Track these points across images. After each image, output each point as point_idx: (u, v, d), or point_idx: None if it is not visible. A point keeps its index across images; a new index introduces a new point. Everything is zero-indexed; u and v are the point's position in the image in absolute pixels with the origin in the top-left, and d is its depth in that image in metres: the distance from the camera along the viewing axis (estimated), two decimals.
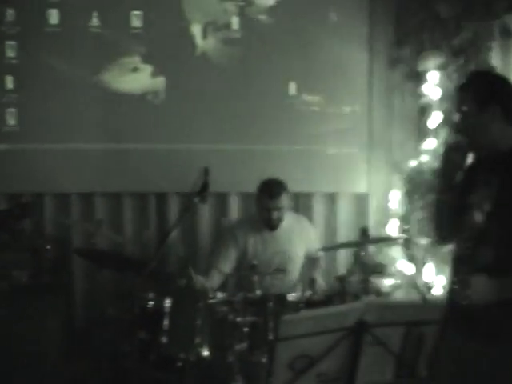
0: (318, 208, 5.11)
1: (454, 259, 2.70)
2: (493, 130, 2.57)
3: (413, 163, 4.77)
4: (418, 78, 4.90)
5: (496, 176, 2.56)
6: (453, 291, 2.61)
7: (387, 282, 4.17)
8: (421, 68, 4.87)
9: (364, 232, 3.87)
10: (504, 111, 2.56)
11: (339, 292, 3.71)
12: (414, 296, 4.27)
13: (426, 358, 2.33)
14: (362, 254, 3.88)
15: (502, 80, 2.70)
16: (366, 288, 3.93)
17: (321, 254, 4.52)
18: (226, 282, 4.39)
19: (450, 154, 2.73)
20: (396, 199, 4.87)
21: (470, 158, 2.82)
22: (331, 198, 5.13)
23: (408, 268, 4.53)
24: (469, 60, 4.81)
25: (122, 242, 4.76)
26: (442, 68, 4.82)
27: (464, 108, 2.61)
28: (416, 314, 2.27)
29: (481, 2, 4.87)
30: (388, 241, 4.58)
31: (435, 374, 2.65)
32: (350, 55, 5.08)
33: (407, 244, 4.39)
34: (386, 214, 4.99)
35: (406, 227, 4.49)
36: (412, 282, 4.02)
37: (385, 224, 4.93)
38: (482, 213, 2.55)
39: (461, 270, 2.58)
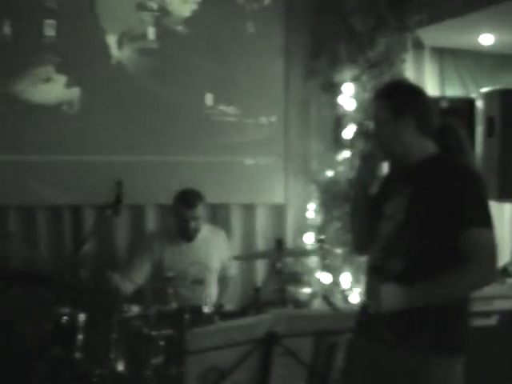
0: (236, 219, 5.09)
1: (367, 269, 2.72)
2: (407, 139, 2.59)
3: (329, 173, 4.82)
4: (334, 89, 4.97)
5: (409, 187, 2.58)
6: (364, 300, 2.63)
7: (304, 292, 4.19)
8: (336, 79, 4.94)
9: (279, 243, 3.88)
10: (418, 121, 2.58)
11: (255, 303, 3.71)
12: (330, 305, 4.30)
13: (338, 368, 2.34)
14: (278, 264, 3.89)
15: (417, 90, 2.71)
16: (283, 298, 3.93)
17: (236, 271, 4.52)
18: (142, 295, 4.33)
19: (364, 163, 2.76)
20: (313, 209, 4.91)
21: (386, 168, 2.87)
22: (249, 209, 5.13)
23: (325, 277, 4.57)
24: (383, 72, 4.91)
25: (36, 257, 4.63)
26: (356, 80, 4.90)
27: (379, 116, 2.63)
28: (326, 323, 2.28)
29: (393, 16, 4.98)
30: (306, 254, 4.61)
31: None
32: (266, 66, 5.11)
33: (323, 253, 4.43)
34: (303, 225, 5.02)
35: (321, 237, 4.53)
36: (321, 293, 4.05)
37: (302, 234, 4.97)
38: (395, 223, 2.57)
39: (373, 279, 2.61)
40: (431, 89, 5.86)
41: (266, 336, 2.16)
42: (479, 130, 5.09)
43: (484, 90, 5.19)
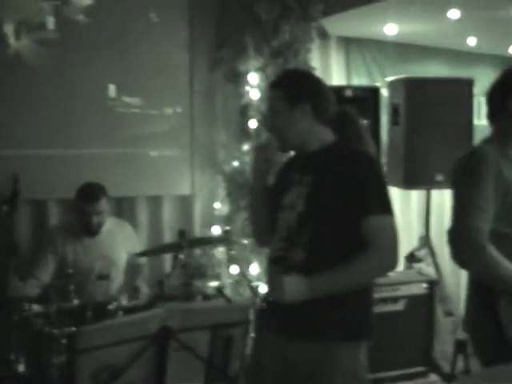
0: (142, 212, 5.01)
1: (268, 261, 2.68)
2: (303, 128, 2.57)
3: (235, 164, 4.79)
4: (239, 79, 4.93)
5: (308, 176, 2.56)
6: (267, 291, 2.60)
7: (212, 284, 4.13)
8: (241, 69, 4.90)
9: (182, 234, 3.80)
10: (314, 110, 2.56)
11: (159, 297, 3.63)
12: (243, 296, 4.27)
13: (236, 360, 2.30)
14: (182, 256, 3.82)
15: (312, 78, 2.70)
16: (189, 291, 3.87)
17: (144, 259, 4.42)
18: (47, 293, 4.19)
19: (260, 153, 2.73)
20: (220, 200, 4.88)
21: (285, 157, 2.84)
22: (155, 202, 5.06)
23: (232, 269, 4.54)
24: (288, 61, 4.90)
25: None
26: (261, 69, 4.88)
27: (274, 106, 2.60)
28: (221, 316, 2.24)
29: (298, 5, 4.97)
30: (206, 242, 4.56)
31: (258, 377, 2.65)
32: (171, 56, 5.03)
33: (230, 244, 4.38)
34: (210, 216, 4.98)
35: (227, 228, 4.49)
36: (217, 286, 4.01)
37: (210, 225, 4.92)
38: (295, 213, 2.55)
39: (275, 270, 2.57)
40: (337, 78, 5.91)
41: (159, 331, 2.11)
42: (384, 118, 5.16)
43: (389, 78, 5.26)
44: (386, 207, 2.49)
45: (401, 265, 5.21)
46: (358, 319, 2.56)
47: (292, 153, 2.81)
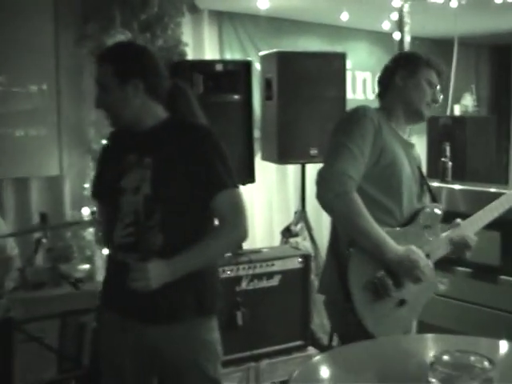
0: (8, 195, 4.78)
1: (115, 247, 2.53)
2: (136, 105, 2.45)
3: (104, 142, 4.63)
4: None
5: (147, 156, 2.46)
6: (120, 280, 2.41)
7: (82, 268, 3.99)
8: (108, 44, 4.72)
9: (43, 217, 3.64)
10: (147, 85, 2.45)
11: (22, 284, 3.45)
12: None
13: (89, 348, 2.19)
14: (44, 240, 3.66)
15: (144, 51, 2.57)
16: (56, 276, 3.70)
17: (15, 252, 4.23)
18: None
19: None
20: (90, 180, 4.71)
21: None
22: (22, 184, 4.83)
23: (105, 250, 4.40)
24: (156, 36, 4.77)
25: None
26: None
27: (104, 82, 2.44)
28: (69, 304, 2.13)
29: None
30: (69, 225, 4.40)
31: (112, 366, 2.56)
32: (35, 31, 4.79)
33: (95, 225, 4.24)
34: (81, 196, 4.82)
35: (94, 209, 4.35)
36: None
37: (81, 206, 4.76)
38: (141, 196, 2.44)
39: (127, 257, 2.44)
40: (210, 52, 5.83)
41: (1, 323, 1.97)
42: (257, 93, 5.12)
43: (262, 53, 5.22)
44: (232, 180, 2.47)
45: (277, 239, 5.23)
46: (209, 293, 2.56)
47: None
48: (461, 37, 7.39)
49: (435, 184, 4.85)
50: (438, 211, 2.84)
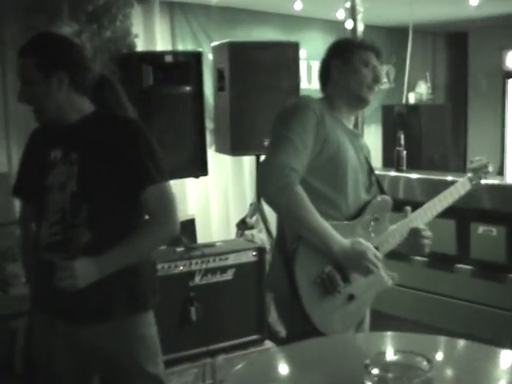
0: None
1: (42, 248, 2.43)
2: (61, 99, 2.37)
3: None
4: None
5: (73, 152, 2.38)
6: (48, 280, 2.33)
7: None
8: None
9: None
10: (72, 78, 2.37)
11: None
12: None
13: (21, 354, 2.11)
14: None
15: (68, 43, 2.50)
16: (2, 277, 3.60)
17: None
18: None
19: None
20: None
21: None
22: None
23: None
24: (103, 27, 4.66)
25: None
26: (77, 36, 4.60)
27: (27, 75, 2.36)
28: None
29: None
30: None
31: (48, 370, 2.49)
32: None
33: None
34: None
35: None
36: None
37: None
38: (67, 193, 2.37)
39: (54, 257, 2.36)
40: (162, 44, 5.73)
41: None
42: (209, 84, 5.04)
43: (214, 43, 5.14)
44: (161, 175, 2.40)
45: (234, 232, 5.16)
46: (143, 289, 2.50)
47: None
48: (417, 25, 7.41)
49: (391, 173, 4.83)
50: (386, 203, 2.77)
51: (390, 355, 1.71)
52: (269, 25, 6.52)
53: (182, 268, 4.11)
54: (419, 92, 6.47)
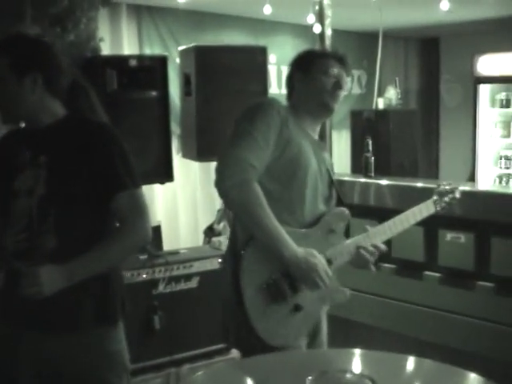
0: None
1: (9, 256, 2.35)
2: (33, 101, 2.31)
3: None
4: None
5: (43, 155, 2.31)
6: (12, 289, 2.26)
7: None
8: None
9: None
10: (45, 80, 2.31)
11: None
12: None
13: None
14: None
15: (43, 45, 2.43)
16: None
17: None
18: None
19: None
20: None
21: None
22: None
23: None
24: (66, 30, 4.57)
25: None
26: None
27: (0, 76, 2.29)
28: None
29: None
30: None
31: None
32: None
33: None
34: None
35: None
36: None
37: None
38: (35, 198, 2.29)
39: (20, 264, 2.28)
40: (129, 47, 5.65)
41: None
42: (175, 89, 4.98)
43: (181, 47, 5.07)
44: (134, 181, 2.35)
45: (201, 239, 5.09)
46: (111, 300, 2.41)
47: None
48: (388, 29, 7.39)
49: (359, 180, 4.77)
50: (343, 215, 2.68)
51: (334, 374, 1.63)
52: (237, 29, 6.47)
53: (145, 276, 4.03)
54: (388, 97, 6.42)
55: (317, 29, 5.14)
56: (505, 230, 4.02)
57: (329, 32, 5.14)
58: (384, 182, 4.63)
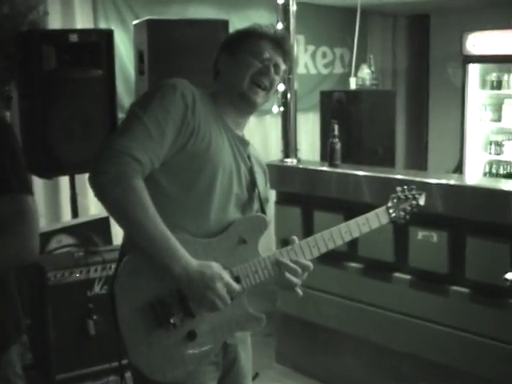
0: None
1: None
2: None
3: None
4: None
5: None
6: None
7: None
8: None
9: None
10: None
11: None
12: None
13: None
14: None
15: None
16: None
17: None
18: None
19: None
20: None
21: None
22: None
23: None
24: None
25: None
26: None
27: None
28: None
29: None
30: None
31: None
32: None
33: None
34: None
35: None
36: None
37: None
38: None
39: None
40: (82, 21, 5.19)
41: None
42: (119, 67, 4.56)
43: (135, 22, 4.64)
44: (21, 184, 2.06)
45: None
46: (4, 323, 2.15)
47: None
48: (376, 5, 6.92)
49: (322, 168, 4.31)
50: (260, 223, 2.21)
51: None
52: (206, 2, 5.97)
53: (78, 275, 3.73)
54: (361, 77, 5.86)
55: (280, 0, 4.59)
56: (482, 229, 3.57)
57: (294, 5, 4.57)
58: (349, 171, 4.13)
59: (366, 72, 5.86)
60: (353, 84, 5.88)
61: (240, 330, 2.20)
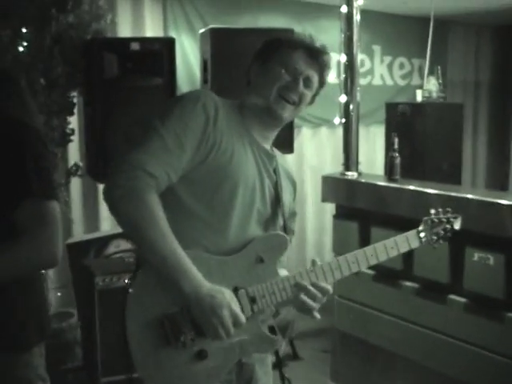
0: None
1: None
2: None
3: None
4: None
5: None
6: None
7: None
8: None
9: None
10: None
11: None
12: None
13: None
14: None
15: None
16: None
17: None
18: None
19: None
20: None
21: None
22: None
23: None
24: (65, 10, 4.22)
25: None
26: None
27: None
28: None
29: None
30: None
31: None
32: None
33: None
34: None
35: None
36: None
37: None
38: None
39: None
40: (152, 30, 5.26)
41: None
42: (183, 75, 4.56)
43: (201, 30, 4.65)
44: (44, 189, 2.06)
45: None
46: (15, 325, 2.15)
47: None
48: (457, 16, 6.75)
49: (379, 183, 4.20)
50: (279, 242, 2.14)
51: None
52: (278, 12, 5.93)
53: (126, 281, 3.67)
54: (428, 89, 5.67)
55: (344, 8, 4.48)
56: None
57: (358, 14, 4.45)
58: (406, 186, 4.00)
59: (432, 83, 5.68)
60: (419, 96, 5.71)
61: (253, 351, 2.14)
